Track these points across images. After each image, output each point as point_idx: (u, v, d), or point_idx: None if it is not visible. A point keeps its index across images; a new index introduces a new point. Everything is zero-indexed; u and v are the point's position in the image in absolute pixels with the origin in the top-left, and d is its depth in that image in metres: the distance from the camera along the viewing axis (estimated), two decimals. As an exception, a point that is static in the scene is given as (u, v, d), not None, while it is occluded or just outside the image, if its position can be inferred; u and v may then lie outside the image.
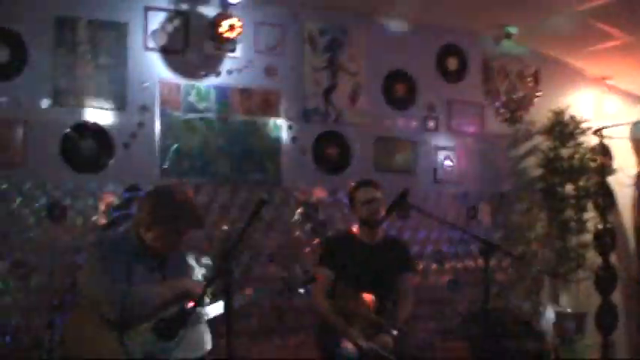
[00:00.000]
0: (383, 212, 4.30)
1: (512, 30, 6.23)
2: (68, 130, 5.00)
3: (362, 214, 4.38)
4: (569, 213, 6.52)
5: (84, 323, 3.15)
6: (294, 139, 5.70)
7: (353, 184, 4.54)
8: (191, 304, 3.17)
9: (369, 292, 4.18)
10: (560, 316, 6.52)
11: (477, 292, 6.36)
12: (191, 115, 5.33)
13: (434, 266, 6.24)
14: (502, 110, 6.64)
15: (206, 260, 3.63)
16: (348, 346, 4.04)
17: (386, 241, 4.50)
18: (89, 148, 5.05)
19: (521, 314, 6.46)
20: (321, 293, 4.26)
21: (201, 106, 5.36)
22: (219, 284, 2.97)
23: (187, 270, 3.49)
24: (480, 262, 6.30)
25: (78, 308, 3.30)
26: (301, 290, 3.68)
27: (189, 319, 3.20)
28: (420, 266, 6.04)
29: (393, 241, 4.60)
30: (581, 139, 6.61)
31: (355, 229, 4.49)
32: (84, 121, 5.05)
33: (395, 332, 4.10)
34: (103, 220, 4.98)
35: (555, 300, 6.68)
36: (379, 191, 4.42)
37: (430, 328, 6.16)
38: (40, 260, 4.85)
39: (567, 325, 6.44)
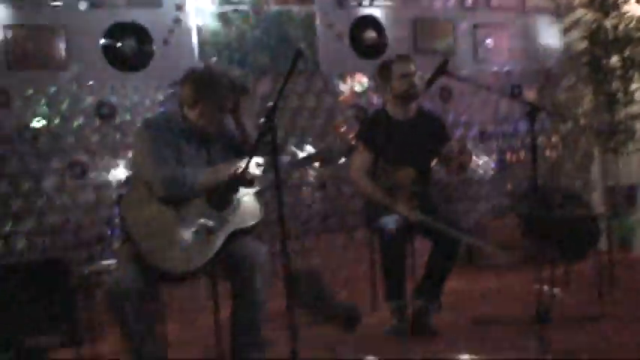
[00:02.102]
0: (417, 86, 4.29)
1: None
2: (107, 30, 5.09)
3: (398, 88, 4.30)
4: (616, 85, 6.38)
5: (140, 199, 3.22)
6: (329, 25, 5.67)
7: (384, 60, 4.50)
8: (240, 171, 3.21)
9: (407, 167, 4.21)
10: (610, 190, 6.48)
11: (525, 171, 6.38)
12: (225, 8, 5.35)
13: (480, 147, 6.21)
14: (543, -17, 6.48)
15: None
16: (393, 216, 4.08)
17: (420, 115, 4.43)
18: (129, 47, 5.14)
19: (571, 189, 6.45)
20: (361, 171, 4.28)
21: (235, -2, 5.39)
22: (265, 146, 2.98)
23: (235, 149, 3.52)
24: (528, 140, 6.37)
25: (133, 186, 3.37)
26: (342, 160, 3.70)
27: (240, 186, 3.28)
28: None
29: (427, 114, 4.54)
30: (625, 8, 6.42)
31: (389, 106, 4.43)
32: (122, 20, 5.12)
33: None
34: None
35: (606, 175, 6.62)
36: (414, 65, 4.37)
37: (480, 208, 6.19)
38: (92, 158, 5.04)
39: (618, 198, 6.40)
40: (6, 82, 4.86)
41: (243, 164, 3.16)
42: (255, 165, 3.28)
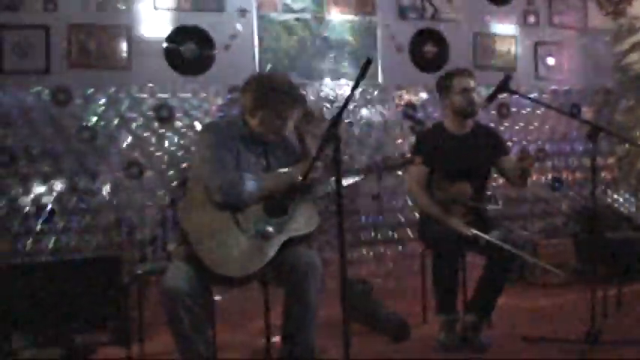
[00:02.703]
0: (477, 102, 4.25)
1: None
2: (170, 33, 5.14)
3: (457, 103, 4.24)
4: (675, 108, 6.28)
5: (198, 202, 3.23)
6: (390, 37, 5.66)
7: (446, 72, 4.47)
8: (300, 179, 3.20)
9: (463, 182, 4.15)
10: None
11: (581, 191, 6.28)
12: (287, 16, 5.38)
13: (537, 165, 6.13)
14: (605, 3, 6.38)
15: None
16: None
17: (476, 130, 4.36)
18: (191, 51, 5.18)
19: (625, 212, 6.34)
20: (417, 184, 4.24)
21: (297, 6, 5.40)
22: (328, 156, 2.97)
23: (294, 157, 3.52)
24: (584, 160, 6.29)
25: (191, 189, 3.39)
26: (399, 172, 3.66)
27: (298, 194, 3.28)
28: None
29: (484, 129, 4.46)
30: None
31: (446, 120, 4.38)
32: (184, 24, 5.17)
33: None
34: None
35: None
36: (474, 80, 4.33)
37: (534, 227, 6.11)
38: (150, 160, 5.08)
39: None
40: (67, 81, 4.93)
41: (302, 172, 3.14)
42: (314, 171, 3.26)
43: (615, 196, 6.47)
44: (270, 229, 3.17)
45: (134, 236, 4.99)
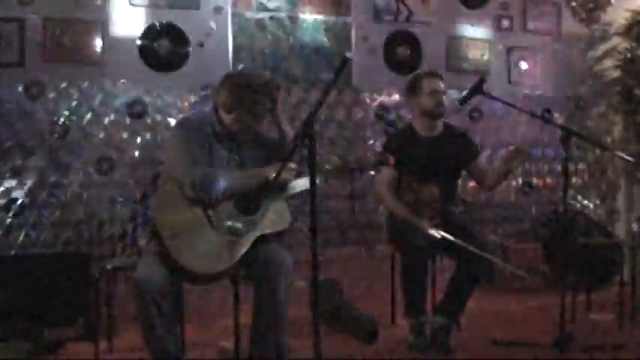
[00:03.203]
0: (445, 105, 4.29)
1: None
2: (144, 30, 5.13)
3: (425, 105, 4.26)
4: (647, 115, 6.35)
5: (170, 198, 3.22)
6: (364, 38, 5.69)
7: (414, 74, 4.49)
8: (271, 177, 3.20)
9: (433, 184, 4.16)
10: (636, 221, 6.42)
11: (551, 196, 6.35)
12: (262, 15, 5.38)
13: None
14: (579, 10, 6.45)
15: None
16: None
17: (446, 132, 4.40)
18: (165, 48, 5.17)
19: (595, 217, 6.41)
20: (385, 186, 4.25)
21: (272, 5, 5.41)
22: (301, 157, 2.97)
23: (267, 153, 3.53)
24: (555, 166, 6.35)
25: (164, 184, 3.37)
26: (372, 172, 3.67)
27: (270, 192, 3.28)
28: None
29: (454, 131, 4.49)
30: (661, 38, 6.38)
31: (415, 122, 4.41)
32: (159, 20, 5.16)
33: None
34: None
35: (631, 205, 6.56)
36: (443, 82, 4.35)
37: (502, 231, 6.16)
38: (121, 156, 5.07)
39: (642, 228, 6.34)
40: (41, 75, 4.90)
41: (274, 171, 3.14)
42: (287, 170, 3.28)
43: (585, 202, 6.55)
44: (241, 226, 3.18)
45: (103, 232, 4.96)
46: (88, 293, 4.28)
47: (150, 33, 5.14)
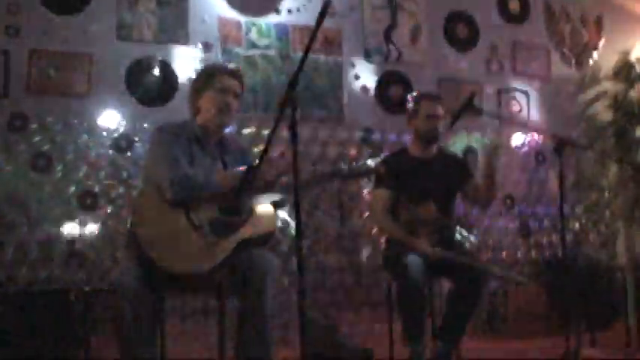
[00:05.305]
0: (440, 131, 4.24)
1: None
2: (132, 63, 5.09)
3: (422, 127, 4.23)
4: (643, 156, 6.29)
5: (149, 202, 3.11)
6: (356, 76, 5.68)
7: (415, 94, 4.44)
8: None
9: (429, 203, 4.06)
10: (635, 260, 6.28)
11: (549, 238, 6.24)
12: (253, 52, 5.37)
13: (503, 210, 6.08)
14: (568, 54, 6.49)
15: None
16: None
17: (441, 155, 4.36)
18: (154, 82, 5.12)
19: (597, 262, 6.28)
20: (381, 209, 4.15)
21: (262, 43, 5.40)
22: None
23: (248, 160, 3.43)
24: (553, 210, 6.25)
25: (143, 189, 3.27)
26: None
27: (251, 192, 3.15)
28: (489, 210, 5.89)
29: (448, 154, 4.50)
30: (652, 79, 6.39)
31: (411, 145, 4.35)
32: (148, 55, 5.13)
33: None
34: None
35: (631, 248, 6.42)
36: (442, 106, 4.31)
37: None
38: (107, 191, 4.93)
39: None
40: (25, 107, 4.81)
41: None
42: (269, 168, 3.15)
43: (584, 245, 6.43)
44: (224, 228, 3.05)
45: (85, 268, 4.78)
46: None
47: (138, 67, 5.10)
